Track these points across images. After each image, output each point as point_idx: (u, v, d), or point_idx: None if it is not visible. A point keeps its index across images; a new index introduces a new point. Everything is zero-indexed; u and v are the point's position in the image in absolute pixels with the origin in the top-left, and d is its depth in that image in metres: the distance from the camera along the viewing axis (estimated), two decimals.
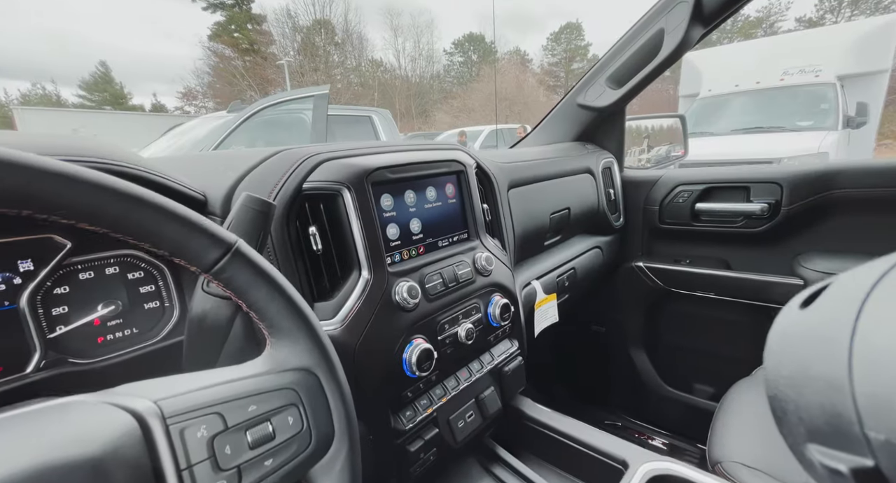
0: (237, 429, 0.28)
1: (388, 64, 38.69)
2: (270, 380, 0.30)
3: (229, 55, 33.86)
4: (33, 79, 52.51)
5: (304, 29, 34.19)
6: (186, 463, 0.26)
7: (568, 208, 1.17)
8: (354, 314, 0.56)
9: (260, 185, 0.54)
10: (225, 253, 0.30)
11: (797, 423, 0.23)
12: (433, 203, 0.71)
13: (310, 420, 0.31)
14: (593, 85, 1.33)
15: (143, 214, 0.26)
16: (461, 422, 0.72)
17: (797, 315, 0.26)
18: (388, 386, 0.60)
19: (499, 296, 0.78)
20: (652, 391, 1.48)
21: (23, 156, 0.22)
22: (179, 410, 0.26)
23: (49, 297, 0.45)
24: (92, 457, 0.22)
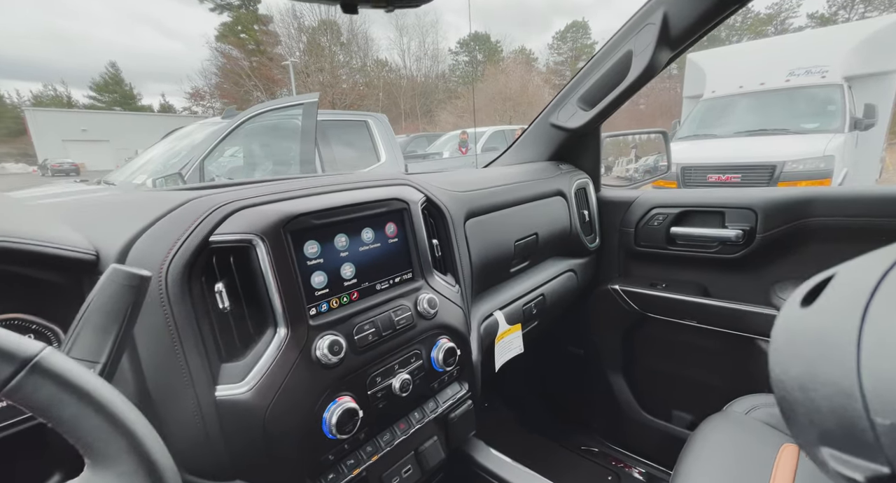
0: None
1: (393, 64, 38.78)
2: None
3: (236, 56, 34.12)
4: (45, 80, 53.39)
5: (310, 29, 34.34)
6: None
7: (535, 234, 1.14)
8: (266, 375, 0.54)
9: (161, 239, 0.51)
10: (18, 370, 0.27)
11: (808, 425, 0.23)
12: (370, 245, 0.68)
13: None
14: (565, 105, 1.30)
15: None
16: (396, 478, 0.69)
17: (800, 314, 0.25)
18: (304, 451, 0.57)
19: (445, 339, 0.75)
20: (630, 417, 1.44)
21: None
22: None
23: None
24: None
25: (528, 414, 1.65)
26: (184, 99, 39.02)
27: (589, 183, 1.39)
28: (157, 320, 0.49)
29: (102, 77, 39.37)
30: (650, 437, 1.39)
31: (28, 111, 22.38)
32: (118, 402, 0.30)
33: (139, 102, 41.04)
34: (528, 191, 1.15)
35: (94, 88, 39.04)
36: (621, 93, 1.13)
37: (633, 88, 1.11)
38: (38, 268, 0.45)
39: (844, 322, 0.21)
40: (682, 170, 4.90)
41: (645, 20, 1.04)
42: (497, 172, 1.25)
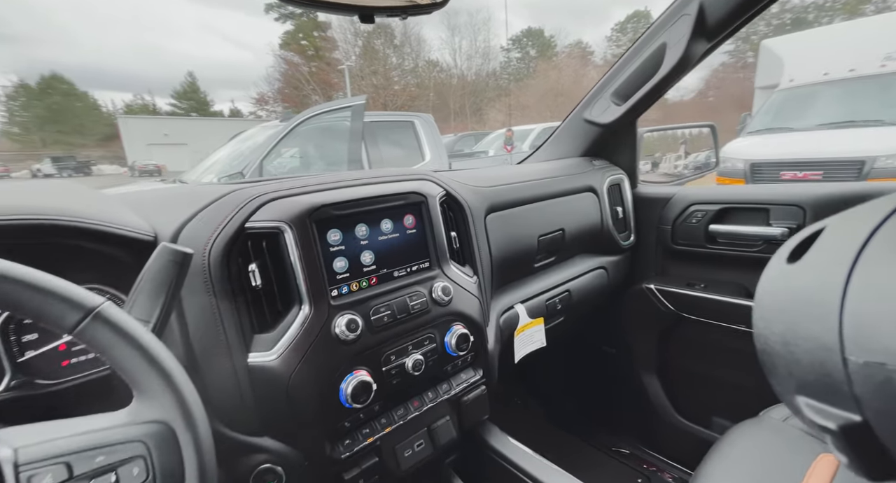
0: (81, 478, 0.32)
1: (443, 63, 39.07)
2: (122, 432, 0.34)
3: (297, 61, 36.10)
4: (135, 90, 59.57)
5: (365, 33, 35.52)
6: None
7: (562, 230, 1.14)
8: (291, 346, 0.61)
9: (206, 224, 0.60)
10: (84, 317, 0.34)
11: (787, 376, 0.23)
12: (388, 235, 0.73)
13: (156, 471, 0.34)
14: (599, 100, 1.28)
15: (6, 290, 0.31)
16: (408, 450, 0.74)
17: (786, 269, 0.25)
18: (323, 416, 0.63)
19: (459, 325, 0.79)
20: (664, 421, 1.39)
21: None
22: (32, 459, 0.31)
23: (21, 326, 0.54)
24: None
25: (559, 411, 1.64)
26: (250, 104, 42.07)
27: (624, 179, 1.36)
28: (201, 294, 0.58)
29: (182, 86, 43.51)
30: (685, 441, 1.34)
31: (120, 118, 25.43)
32: (159, 349, 0.37)
33: (212, 108, 44.86)
34: (555, 186, 1.15)
35: (175, 96, 43.26)
36: (654, 86, 1.10)
37: (667, 82, 1.08)
38: (110, 245, 0.55)
39: (831, 277, 0.21)
40: (751, 167, 4.51)
41: (680, 11, 1.01)
42: (528, 168, 1.26)
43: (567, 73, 28.48)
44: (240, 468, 0.60)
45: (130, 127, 19.99)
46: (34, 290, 0.32)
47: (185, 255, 0.47)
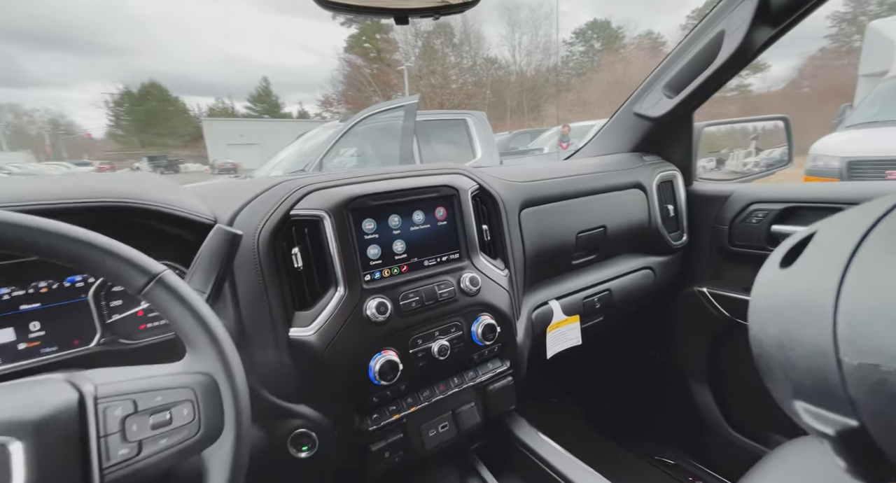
0: (144, 412, 0.38)
1: (502, 60, 38.61)
2: (178, 379, 0.41)
3: (359, 64, 37.59)
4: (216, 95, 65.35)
5: (425, 34, 36.11)
6: (104, 432, 0.37)
7: (603, 227, 1.11)
8: (327, 324, 0.66)
9: (257, 211, 0.67)
10: (150, 280, 0.41)
11: (783, 379, 0.24)
12: (420, 225, 0.77)
13: (200, 414, 0.40)
14: (650, 93, 1.22)
15: (90, 253, 0.39)
16: (433, 431, 0.78)
17: (779, 274, 0.26)
18: (353, 389, 0.69)
19: (486, 316, 0.81)
20: (715, 433, 1.30)
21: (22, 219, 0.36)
22: (108, 394, 0.38)
23: (109, 293, 0.65)
24: (37, 419, 0.34)
25: (598, 414, 1.60)
26: (316, 106, 44.61)
27: (677, 175, 1.29)
28: (251, 272, 0.65)
29: (257, 90, 47.19)
30: (736, 456, 1.25)
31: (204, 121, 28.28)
32: (209, 314, 0.44)
33: (282, 110, 48.20)
34: (597, 182, 1.12)
35: (250, 100, 47.07)
36: (709, 77, 1.03)
37: (724, 72, 1.01)
38: (177, 227, 0.63)
39: (824, 282, 0.22)
40: (848, 165, 3.97)
41: None
42: (571, 164, 1.24)
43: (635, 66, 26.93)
44: (279, 430, 0.67)
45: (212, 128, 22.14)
46: (114, 256, 0.40)
47: (235, 236, 0.54)
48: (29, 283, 0.60)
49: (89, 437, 0.36)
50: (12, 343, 0.59)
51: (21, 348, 0.60)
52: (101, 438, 0.36)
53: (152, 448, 0.38)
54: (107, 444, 0.37)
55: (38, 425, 0.34)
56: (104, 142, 47.66)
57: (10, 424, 0.33)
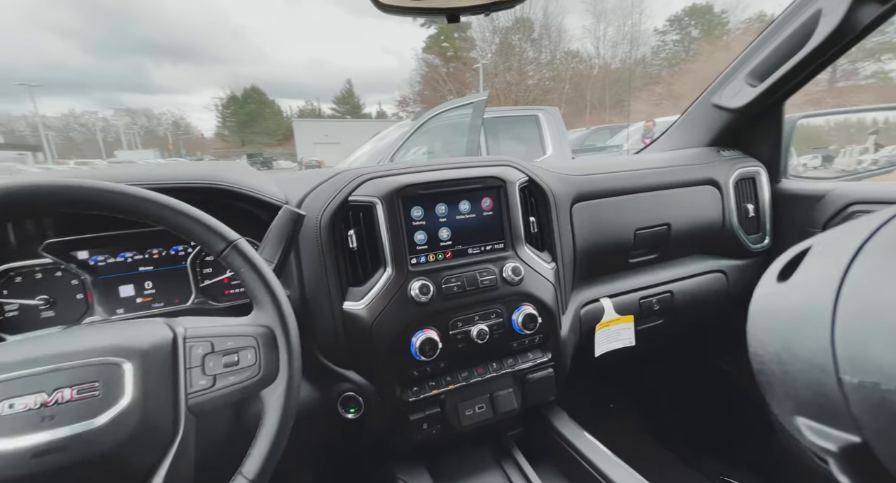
0: (218, 353, 0.47)
1: (584, 54, 36.92)
2: (245, 329, 0.50)
3: (436, 63, 38.36)
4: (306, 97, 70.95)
5: (503, 30, 35.78)
6: (189, 365, 0.47)
7: (667, 224, 1.05)
8: (375, 299, 0.73)
9: (320, 196, 0.76)
10: (227, 246, 0.50)
11: (784, 396, 0.24)
12: (465, 215, 0.80)
13: (261, 359, 0.49)
14: (731, 82, 1.12)
15: (184, 221, 0.48)
16: (469, 410, 0.81)
17: (777, 288, 0.26)
18: (395, 361, 0.74)
19: (527, 306, 0.82)
20: (790, 456, 1.17)
21: (136, 191, 0.47)
22: (193, 336, 0.48)
23: (203, 262, 0.77)
24: (144, 347, 0.45)
25: (656, 423, 1.51)
26: (394, 106, 46.54)
27: (760, 172, 1.17)
28: (313, 250, 0.74)
29: (341, 92, 50.50)
30: (812, 480, 1.11)
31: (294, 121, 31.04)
32: (273, 278, 0.52)
33: (363, 111, 51.01)
34: (662, 177, 1.07)
35: (335, 101, 50.49)
36: (798, 64, 0.93)
37: (816, 58, 0.90)
38: (255, 207, 0.74)
39: (820, 297, 0.22)
40: None
41: None
42: (637, 158, 1.19)
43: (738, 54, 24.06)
44: (331, 392, 0.76)
45: (301, 128, 24.23)
46: (202, 225, 0.49)
47: (299, 215, 0.63)
48: (146, 250, 0.75)
49: (179, 367, 0.46)
50: (132, 297, 0.75)
51: (138, 302, 0.75)
52: (187, 369, 0.46)
53: (223, 382, 0.47)
54: (191, 375, 0.46)
55: (144, 352, 0.45)
56: (213, 140, 54.39)
57: (124, 349, 0.44)
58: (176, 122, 56.75)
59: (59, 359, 0.42)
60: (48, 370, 0.41)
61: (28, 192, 0.43)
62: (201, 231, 0.49)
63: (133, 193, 0.46)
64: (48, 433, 0.39)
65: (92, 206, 0.45)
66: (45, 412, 0.39)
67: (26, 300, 0.70)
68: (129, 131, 48.18)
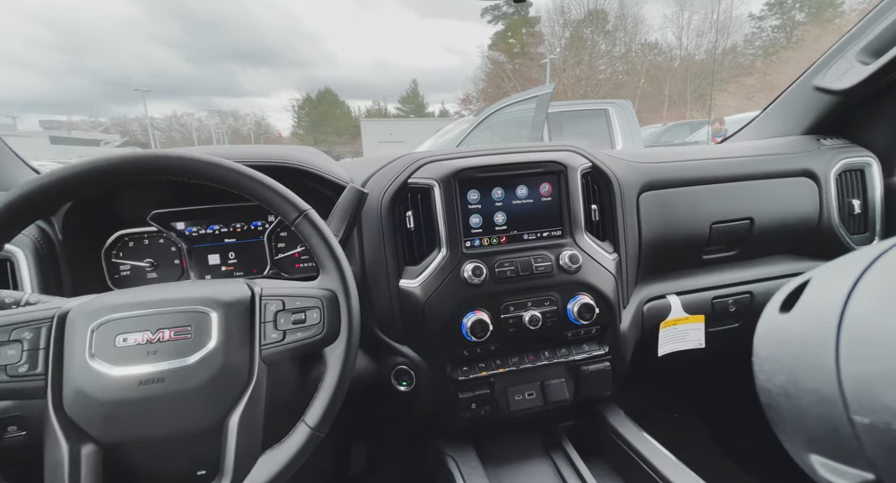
0: (288, 311, 0.52)
1: (663, 45, 34.40)
2: (312, 291, 0.54)
3: (502, 60, 37.94)
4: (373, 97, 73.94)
5: (574, 23, 34.44)
6: (263, 320, 0.52)
7: (749, 219, 0.95)
8: (429, 279, 0.75)
9: (383, 179, 0.79)
10: (299, 215, 0.54)
11: (795, 432, 0.24)
12: (523, 200, 0.79)
13: (325, 319, 0.52)
14: (838, 61, 0.99)
15: (264, 191, 0.53)
16: (519, 395, 0.80)
17: (780, 320, 0.27)
18: (446, 340, 0.75)
19: (584, 296, 0.79)
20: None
21: (227, 163, 0.52)
22: (268, 294, 0.53)
23: (277, 237, 0.85)
24: (227, 300, 0.51)
25: (733, 443, 1.37)
26: (456, 104, 46.85)
27: (872, 163, 1.02)
28: (374, 229, 0.77)
29: (406, 92, 51.85)
30: None
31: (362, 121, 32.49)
32: (338, 248, 0.56)
33: (426, 110, 51.96)
34: (746, 167, 0.97)
35: (400, 101, 51.96)
36: None
37: None
38: (324, 186, 0.79)
39: (822, 328, 0.21)
40: None
41: None
42: (720, 147, 1.09)
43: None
44: (386, 364, 0.79)
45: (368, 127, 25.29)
46: (279, 195, 0.54)
47: (362, 193, 0.66)
48: (230, 224, 0.84)
49: (255, 320, 0.52)
50: (218, 265, 0.84)
51: (223, 270, 0.85)
52: (262, 323, 0.52)
53: (292, 337, 0.51)
54: (264, 328, 0.51)
55: (227, 304, 0.51)
56: (289, 139, 58.64)
57: (211, 300, 0.50)
58: (258, 122, 62.00)
59: (162, 304, 0.49)
60: (153, 313, 0.48)
61: (145, 160, 0.50)
62: (278, 200, 0.54)
63: (225, 165, 0.52)
64: (152, 365, 0.46)
65: (191, 174, 0.52)
66: (150, 348, 0.47)
67: (136, 262, 0.82)
68: (219, 130, 53.66)
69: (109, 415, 0.45)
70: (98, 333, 0.47)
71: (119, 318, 0.48)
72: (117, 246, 0.81)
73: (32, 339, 0.46)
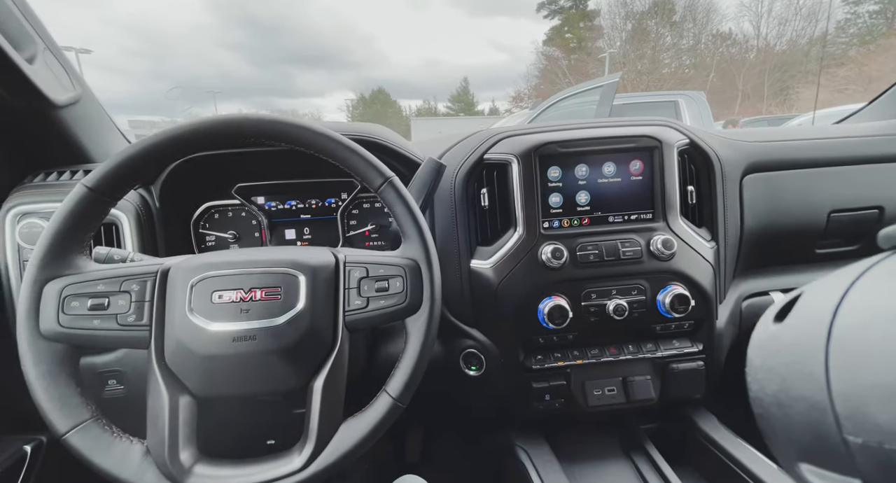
0: (371, 278, 0.50)
1: (738, 35, 31.74)
2: (395, 260, 0.52)
3: (557, 56, 36.87)
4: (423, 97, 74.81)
5: (637, 15, 32.71)
6: (348, 286, 0.50)
7: (878, 208, 0.82)
8: (503, 260, 0.70)
9: (458, 154, 0.75)
10: (384, 182, 0.52)
11: (786, 442, 0.24)
12: (609, 178, 0.73)
13: (408, 288, 0.50)
14: None
15: (352, 156, 0.52)
16: (598, 391, 0.73)
17: (773, 330, 0.27)
18: (520, 326, 0.71)
19: (678, 286, 0.71)
20: None
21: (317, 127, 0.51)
22: (352, 261, 0.52)
23: (349, 214, 0.85)
24: (314, 264, 0.50)
25: None
26: (506, 102, 46.19)
27: None
28: (447, 206, 0.75)
29: (457, 90, 51.97)
30: None
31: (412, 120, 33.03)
32: (420, 214, 0.53)
33: (476, 108, 51.72)
34: (876, 148, 0.83)
35: (450, 99, 52.15)
36: None
37: None
38: (400, 162, 0.78)
39: (812, 337, 0.22)
40: None
41: None
42: (835, 128, 0.95)
43: None
44: (455, 347, 0.76)
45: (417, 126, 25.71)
46: (366, 161, 0.53)
47: (440, 165, 0.64)
48: (306, 199, 0.86)
49: (339, 286, 0.51)
50: (294, 240, 0.86)
51: (298, 244, 0.86)
52: (346, 289, 0.51)
53: (375, 305, 0.50)
54: (349, 295, 0.50)
55: (314, 269, 0.50)
56: None
57: (299, 264, 0.50)
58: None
59: (255, 265, 0.49)
60: (246, 273, 0.49)
61: (237, 122, 0.50)
62: (364, 167, 0.53)
63: (314, 129, 0.51)
64: (245, 323, 0.47)
65: (282, 137, 0.51)
66: (242, 306, 0.47)
67: (221, 233, 0.85)
68: None
69: (205, 369, 0.46)
70: (196, 289, 0.48)
71: (215, 276, 0.48)
72: (204, 217, 0.85)
73: (139, 291, 0.48)
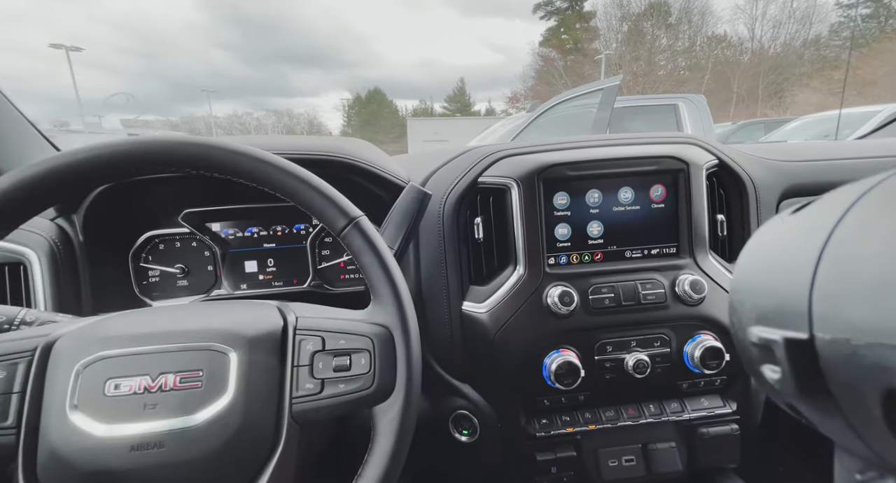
0: (329, 352, 0.39)
1: (733, 38, 31.89)
2: (360, 326, 0.40)
3: (553, 57, 36.85)
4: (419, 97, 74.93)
5: (633, 16, 32.76)
6: (297, 363, 0.39)
7: None
8: (501, 304, 0.59)
9: (446, 177, 0.64)
10: (348, 223, 0.40)
11: (750, 309, 0.24)
12: (627, 206, 0.61)
13: (376, 366, 0.39)
14: None
15: (305, 190, 0.40)
16: (614, 461, 0.62)
17: (787, 218, 0.26)
18: (521, 384, 0.59)
19: (708, 336, 0.59)
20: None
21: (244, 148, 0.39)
22: (304, 327, 0.40)
23: (321, 243, 0.73)
24: (251, 335, 0.38)
25: None
26: (503, 103, 46.17)
27: None
28: (434, 238, 0.63)
29: (453, 90, 51.86)
30: None
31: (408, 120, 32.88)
32: (394, 267, 0.42)
33: (472, 108, 51.64)
34: None
35: (446, 100, 52.05)
36: None
37: None
38: (377, 185, 0.66)
39: (820, 219, 0.22)
40: None
41: None
42: (871, 143, 0.84)
43: None
44: (443, 407, 0.64)
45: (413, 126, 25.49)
46: (324, 197, 0.41)
47: (424, 194, 0.53)
48: (270, 226, 0.73)
49: (286, 362, 0.39)
50: (255, 273, 0.74)
51: (260, 278, 0.74)
52: (294, 367, 0.39)
53: (332, 389, 0.38)
54: (297, 374, 0.38)
55: (252, 341, 0.38)
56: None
57: (231, 335, 0.38)
58: (310, 121, 64.47)
59: (169, 338, 0.38)
60: (156, 351, 0.37)
61: (161, 146, 0.39)
62: (322, 204, 0.41)
63: (253, 154, 0.39)
64: (149, 424, 0.35)
65: (212, 166, 0.39)
66: (147, 399, 0.35)
67: (166, 267, 0.73)
68: (275, 129, 56.53)
69: None
70: (84, 376, 0.35)
71: (111, 357, 0.36)
72: (146, 248, 0.72)
73: (6, 378, 0.35)
